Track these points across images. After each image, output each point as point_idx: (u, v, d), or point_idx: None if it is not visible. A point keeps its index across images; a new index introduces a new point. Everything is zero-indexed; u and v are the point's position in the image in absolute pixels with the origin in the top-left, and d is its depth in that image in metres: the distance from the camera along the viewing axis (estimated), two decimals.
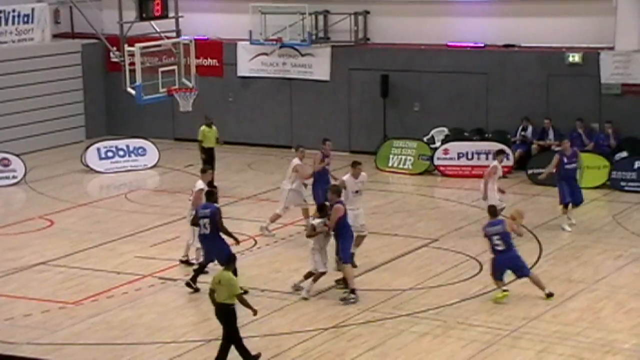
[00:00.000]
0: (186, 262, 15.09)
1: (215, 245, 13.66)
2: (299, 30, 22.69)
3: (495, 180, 16.61)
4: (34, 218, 18.13)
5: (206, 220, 13.66)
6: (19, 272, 15.15)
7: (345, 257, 13.63)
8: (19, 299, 14.00)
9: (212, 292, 11.59)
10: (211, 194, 14.00)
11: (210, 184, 19.65)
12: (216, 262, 13.57)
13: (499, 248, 13.37)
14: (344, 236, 13.63)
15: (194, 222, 14.00)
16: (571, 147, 17.17)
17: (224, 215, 17.81)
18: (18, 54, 23.38)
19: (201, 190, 14.73)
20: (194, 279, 14.03)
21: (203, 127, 19.72)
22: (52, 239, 16.84)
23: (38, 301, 13.84)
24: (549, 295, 13.53)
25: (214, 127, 19.71)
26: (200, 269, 14.07)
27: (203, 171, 15.49)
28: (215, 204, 13.84)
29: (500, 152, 17.19)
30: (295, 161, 16.55)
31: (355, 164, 14.72)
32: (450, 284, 14.29)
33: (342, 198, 13.90)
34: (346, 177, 14.67)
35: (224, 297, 11.39)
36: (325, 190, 16.25)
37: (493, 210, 13.77)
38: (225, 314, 11.41)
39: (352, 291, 13.55)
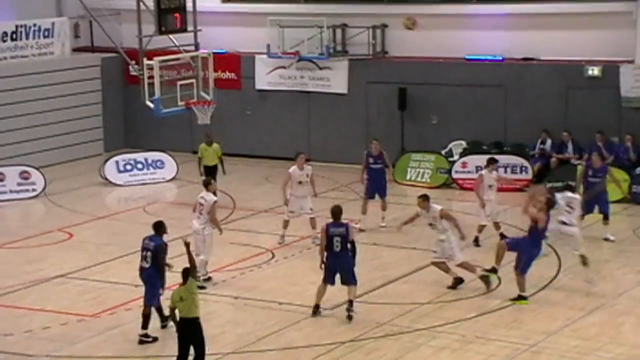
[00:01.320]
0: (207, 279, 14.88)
1: (151, 281, 12.77)
2: (317, 44, 22.74)
3: (486, 190, 16.57)
4: (53, 231, 18.22)
5: (148, 254, 12.67)
6: (38, 285, 15.21)
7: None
8: (38, 311, 14.04)
9: (173, 311, 11.27)
10: (160, 225, 12.87)
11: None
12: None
13: None
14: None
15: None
16: (602, 161, 17.21)
17: (242, 228, 17.93)
18: (38, 68, 23.55)
19: (216, 202, 14.67)
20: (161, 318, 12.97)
21: (202, 145, 19.47)
22: (70, 252, 16.90)
23: (57, 313, 13.88)
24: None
25: (214, 145, 19.40)
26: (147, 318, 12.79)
27: (207, 184, 15.10)
28: (163, 238, 12.78)
29: (490, 161, 17.04)
30: (292, 169, 16.71)
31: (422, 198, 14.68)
32: (468, 297, 14.21)
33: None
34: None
35: (192, 310, 11.05)
36: (379, 186, 17.58)
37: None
38: (195, 329, 11.11)
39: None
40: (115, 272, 15.71)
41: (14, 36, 23.27)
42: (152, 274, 12.74)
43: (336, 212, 13.56)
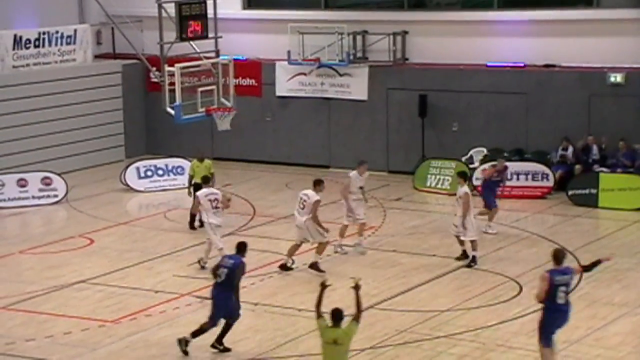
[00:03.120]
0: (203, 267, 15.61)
1: (227, 297, 12.49)
2: (337, 50, 22.75)
3: (460, 206, 15.69)
4: (75, 237, 18.30)
5: (225, 271, 12.43)
6: (59, 290, 15.28)
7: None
8: (59, 317, 14.10)
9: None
10: (243, 246, 12.75)
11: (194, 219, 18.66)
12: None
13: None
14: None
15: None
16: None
17: (262, 235, 17.93)
18: (60, 75, 23.70)
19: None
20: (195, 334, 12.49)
21: (194, 161, 18.87)
22: (91, 258, 16.98)
23: (78, 319, 13.93)
24: None
25: (206, 162, 18.76)
26: (202, 331, 12.47)
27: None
28: (243, 258, 12.62)
29: (458, 175, 16.39)
30: (352, 174, 16.94)
31: None
32: (489, 305, 14.13)
33: None
34: None
35: (344, 355, 10.49)
36: (492, 197, 17.90)
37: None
38: None
39: None
40: (135, 278, 15.75)
41: (37, 43, 23.46)
42: (223, 290, 12.46)
43: (560, 256, 11.22)
